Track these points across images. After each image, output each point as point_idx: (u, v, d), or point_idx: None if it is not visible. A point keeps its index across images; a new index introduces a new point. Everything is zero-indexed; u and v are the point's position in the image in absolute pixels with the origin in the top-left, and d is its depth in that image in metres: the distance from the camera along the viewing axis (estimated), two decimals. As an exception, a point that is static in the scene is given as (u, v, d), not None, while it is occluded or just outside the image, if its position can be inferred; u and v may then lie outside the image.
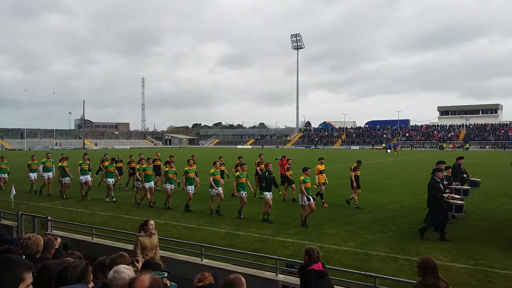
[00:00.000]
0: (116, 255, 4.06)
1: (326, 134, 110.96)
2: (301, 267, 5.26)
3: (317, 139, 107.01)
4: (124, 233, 9.56)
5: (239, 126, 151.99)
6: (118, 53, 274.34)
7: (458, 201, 10.45)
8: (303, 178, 11.51)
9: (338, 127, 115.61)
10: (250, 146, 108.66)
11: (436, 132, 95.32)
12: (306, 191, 11.25)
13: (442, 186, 10.18)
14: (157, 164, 18.31)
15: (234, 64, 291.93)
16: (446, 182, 11.13)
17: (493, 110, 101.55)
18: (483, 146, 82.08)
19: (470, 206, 13.35)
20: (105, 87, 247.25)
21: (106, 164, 17.29)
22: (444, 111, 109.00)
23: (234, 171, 13.87)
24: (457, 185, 12.18)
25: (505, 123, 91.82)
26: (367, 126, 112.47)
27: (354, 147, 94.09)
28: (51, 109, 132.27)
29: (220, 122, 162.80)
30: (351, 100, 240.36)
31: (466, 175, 13.42)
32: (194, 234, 10.39)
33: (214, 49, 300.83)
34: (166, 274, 3.57)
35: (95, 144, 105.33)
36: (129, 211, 13.89)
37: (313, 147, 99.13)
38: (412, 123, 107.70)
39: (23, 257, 3.48)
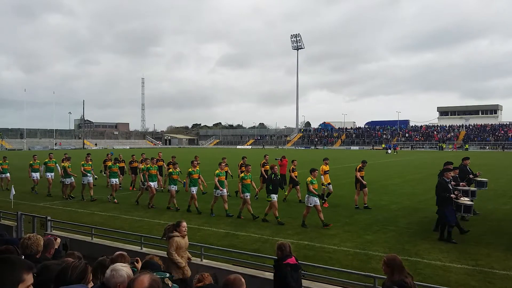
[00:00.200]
0: (115, 255, 4.04)
1: (326, 134, 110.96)
2: (276, 261, 5.52)
3: (316, 140, 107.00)
4: (123, 233, 9.57)
5: (239, 126, 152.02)
6: (118, 53, 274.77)
7: (467, 201, 10.36)
8: (311, 179, 11.42)
9: (337, 128, 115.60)
10: (250, 147, 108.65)
11: (435, 132, 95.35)
12: (314, 192, 11.17)
13: (451, 187, 10.15)
14: (159, 164, 18.27)
15: (234, 64, 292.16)
16: (453, 183, 11.08)
17: (492, 110, 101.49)
18: (483, 146, 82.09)
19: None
20: (105, 88, 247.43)
21: (109, 164, 17.24)
22: (443, 112, 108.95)
23: (240, 172, 13.93)
24: (464, 186, 12.16)
25: (504, 124, 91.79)
26: (367, 126, 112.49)
27: (353, 148, 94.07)
28: (51, 109, 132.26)
29: (220, 123, 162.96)
30: (351, 100, 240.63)
31: (472, 176, 13.38)
32: (193, 234, 10.37)
33: (215, 49, 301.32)
34: (168, 275, 3.56)
35: (95, 144, 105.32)
36: (128, 211, 13.88)
37: (312, 148, 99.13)
38: (411, 124, 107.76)
39: (23, 257, 3.47)
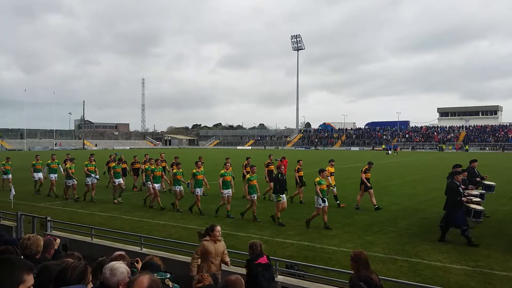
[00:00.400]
0: (115, 255, 4.04)
1: (326, 135, 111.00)
2: (247, 261, 5.63)
3: (316, 140, 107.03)
4: (123, 233, 9.57)
5: (239, 127, 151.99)
6: (118, 53, 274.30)
7: (478, 206, 10.28)
8: (319, 179, 11.22)
9: (338, 128, 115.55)
10: (250, 147, 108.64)
11: (436, 133, 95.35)
12: (321, 193, 11.05)
13: (461, 190, 10.08)
14: (162, 165, 18.23)
15: (234, 65, 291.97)
16: (463, 186, 11.02)
17: (492, 111, 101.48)
18: (483, 147, 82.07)
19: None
20: (105, 88, 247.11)
21: (113, 165, 17.24)
22: (444, 113, 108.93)
23: (245, 172, 13.84)
24: (472, 189, 12.08)
25: (504, 125, 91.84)
26: (367, 127, 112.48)
27: (354, 148, 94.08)
28: (51, 109, 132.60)
29: (220, 123, 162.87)
30: (351, 101, 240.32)
31: (479, 178, 13.27)
32: (193, 235, 10.34)
33: (215, 50, 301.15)
34: (169, 276, 3.52)
35: (95, 145, 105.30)
36: (128, 212, 13.87)
37: (313, 148, 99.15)
38: (412, 125, 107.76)
39: (22, 257, 3.47)
